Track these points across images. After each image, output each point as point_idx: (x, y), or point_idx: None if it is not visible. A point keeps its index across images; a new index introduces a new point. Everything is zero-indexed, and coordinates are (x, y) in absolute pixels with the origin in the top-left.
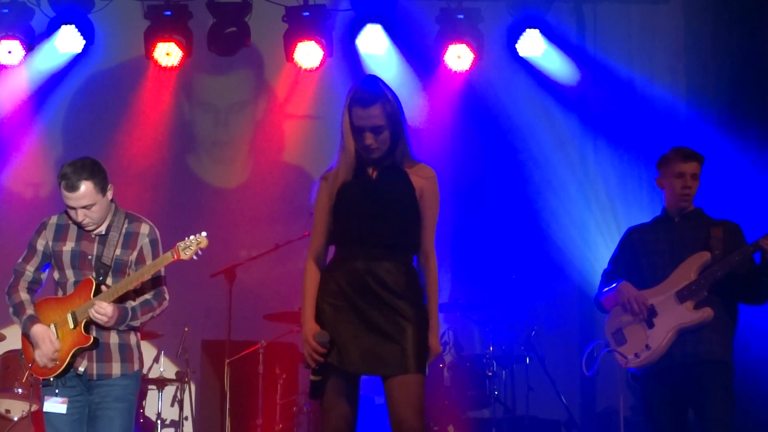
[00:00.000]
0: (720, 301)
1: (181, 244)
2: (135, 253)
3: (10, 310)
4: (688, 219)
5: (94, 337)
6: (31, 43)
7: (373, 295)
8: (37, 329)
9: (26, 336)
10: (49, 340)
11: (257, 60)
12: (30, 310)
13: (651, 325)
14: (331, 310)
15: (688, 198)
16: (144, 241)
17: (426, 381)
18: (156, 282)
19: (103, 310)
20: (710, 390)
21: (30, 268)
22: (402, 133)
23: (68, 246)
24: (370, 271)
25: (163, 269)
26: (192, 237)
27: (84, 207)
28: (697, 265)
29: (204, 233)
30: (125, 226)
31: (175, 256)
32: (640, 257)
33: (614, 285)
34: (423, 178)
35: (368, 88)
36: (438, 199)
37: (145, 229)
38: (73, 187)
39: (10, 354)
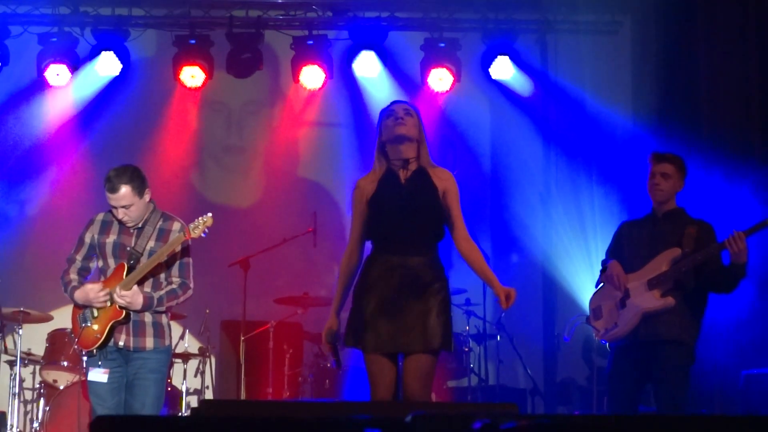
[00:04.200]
0: (684, 292)
1: (191, 225)
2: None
3: (62, 288)
4: (669, 216)
5: (126, 312)
6: (75, 67)
7: (404, 286)
8: (78, 291)
9: (74, 302)
10: (89, 288)
11: (268, 81)
12: (75, 284)
13: (623, 306)
14: (370, 300)
15: (657, 193)
16: (175, 237)
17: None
18: (183, 272)
19: (121, 296)
20: (665, 367)
21: (79, 258)
22: (424, 140)
23: (111, 238)
24: (403, 265)
25: (191, 263)
26: (200, 218)
27: (123, 207)
28: (669, 258)
29: (209, 214)
30: (160, 223)
31: (187, 235)
32: (624, 248)
33: (606, 264)
34: (444, 180)
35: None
36: (458, 193)
37: (176, 226)
38: (113, 189)
39: (57, 332)
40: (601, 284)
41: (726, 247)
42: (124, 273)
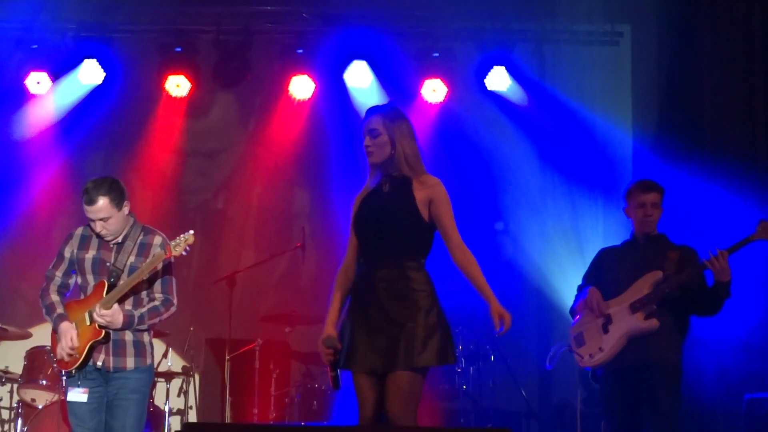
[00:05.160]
0: (668, 313)
1: (172, 243)
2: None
3: (43, 310)
4: (651, 242)
5: (106, 332)
6: (57, 75)
7: (376, 298)
8: (64, 326)
9: (55, 331)
10: (69, 337)
11: (256, 92)
12: (60, 309)
13: (606, 331)
14: (349, 317)
15: (650, 224)
16: (156, 251)
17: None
18: (166, 288)
19: (101, 315)
20: (656, 388)
21: (59, 274)
22: (405, 146)
23: (90, 254)
24: (374, 276)
25: (174, 278)
26: (181, 235)
27: (101, 219)
28: (650, 282)
29: (191, 231)
30: (140, 237)
31: (168, 253)
32: (605, 273)
33: (585, 290)
34: (429, 187)
35: (370, 109)
36: (448, 200)
37: (157, 240)
38: (91, 201)
39: (36, 350)
40: (579, 312)
41: (708, 267)
42: (104, 291)
